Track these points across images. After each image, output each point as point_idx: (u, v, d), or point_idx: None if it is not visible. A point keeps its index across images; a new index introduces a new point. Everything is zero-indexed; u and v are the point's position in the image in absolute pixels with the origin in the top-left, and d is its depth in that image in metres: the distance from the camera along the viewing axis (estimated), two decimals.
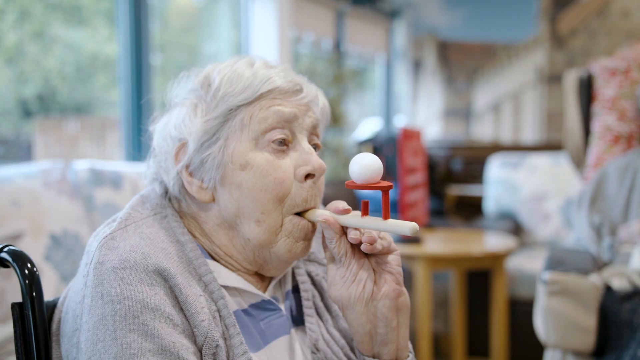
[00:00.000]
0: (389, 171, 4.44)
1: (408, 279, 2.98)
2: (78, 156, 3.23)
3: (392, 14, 5.41)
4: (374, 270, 0.84)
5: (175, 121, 0.87)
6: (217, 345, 0.80)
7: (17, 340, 0.79)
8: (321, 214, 0.83)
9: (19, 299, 0.86)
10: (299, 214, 0.86)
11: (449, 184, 4.63)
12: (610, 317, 1.68)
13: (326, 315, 0.96)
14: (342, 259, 0.83)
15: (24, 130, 3.38)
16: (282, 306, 0.92)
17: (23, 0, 3.18)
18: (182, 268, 0.82)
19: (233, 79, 0.86)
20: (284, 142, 0.85)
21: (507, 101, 5.27)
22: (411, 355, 0.87)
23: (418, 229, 0.76)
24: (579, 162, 2.39)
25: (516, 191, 3.62)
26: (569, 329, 1.70)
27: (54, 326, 0.85)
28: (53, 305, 0.86)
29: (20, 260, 0.80)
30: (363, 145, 4.53)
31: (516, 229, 3.54)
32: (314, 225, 0.87)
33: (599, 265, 1.88)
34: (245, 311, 0.87)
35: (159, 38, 3.72)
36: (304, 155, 0.86)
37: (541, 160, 3.64)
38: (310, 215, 0.85)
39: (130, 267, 0.77)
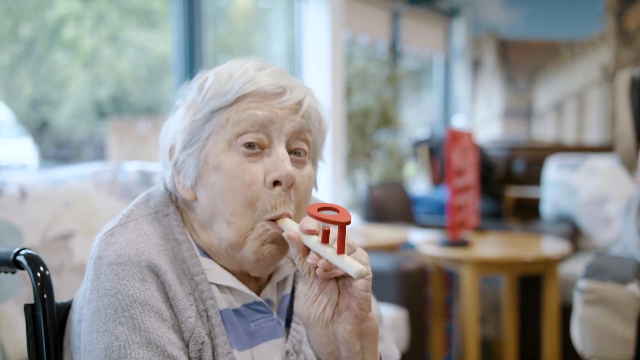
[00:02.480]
0: (444, 173, 4.38)
1: (456, 283, 2.94)
2: (148, 156, 3.37)
3: (451, 13, 5.34)
4: (340, 291, 0.81)
5: (174, 122, 0.91)
6: (202, 342, 0.82)
7: (29, 339, 0.85)
8: (290, 228, 0.82)
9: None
10: (273, 220, 0.85)
11: (508, 186, 4.53)
12: None
13: None
14: (306, 277, 0.82)
15: (98, 130, 3.55)
16: (275, 309, 0.93)
17: (100, 6, 3.33)
18: (175, 265, 0.85)
19: (221, 81, 0.88)
20: (254, 145, 0.86)
21: (571, 100, 5.10)
22: None
23: (365, 272, 0.73)
24: (630, 166, 2.29)
25: (575, 194, 3.50)
26: (605, 340, 1.65)
27: (70, 316, 0.90)
28: (67, 306, 0.91)
29: (34, 263, 0.85)
30: (419, 147, 4.50)
31: (574, 233, 3.43)
32: None
33: None
34: (236, 311, 0.88)
35: (226, 40, 3.81)
36: (276, 162, 0.85)
37: (602, 162, 3.50)
38: (281, 223, 0.84)
39: (124, 262, 0.81)
